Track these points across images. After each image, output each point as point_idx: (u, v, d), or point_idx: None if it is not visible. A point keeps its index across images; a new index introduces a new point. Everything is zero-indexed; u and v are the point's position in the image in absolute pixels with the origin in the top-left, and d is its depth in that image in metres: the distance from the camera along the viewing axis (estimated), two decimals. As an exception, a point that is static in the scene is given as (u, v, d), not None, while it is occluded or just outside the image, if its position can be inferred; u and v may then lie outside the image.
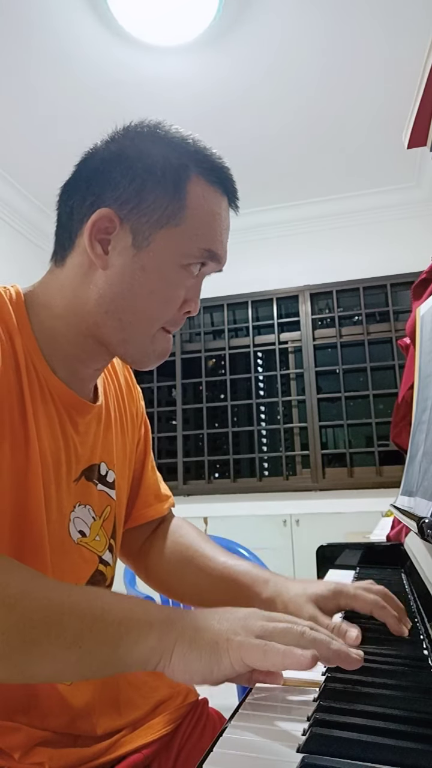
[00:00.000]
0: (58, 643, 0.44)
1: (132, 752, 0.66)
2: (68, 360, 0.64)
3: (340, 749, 0.34)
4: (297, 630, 0.45)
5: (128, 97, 2.48)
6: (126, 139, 0.63)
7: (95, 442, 0.70)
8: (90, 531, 0.68)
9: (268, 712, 0.43)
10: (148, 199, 0.60)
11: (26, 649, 0.43)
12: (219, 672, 0.43)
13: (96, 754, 0.64)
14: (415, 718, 0.39)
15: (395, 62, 2.29)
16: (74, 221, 0.63)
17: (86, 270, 0.62)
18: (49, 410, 0.62)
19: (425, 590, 0.72)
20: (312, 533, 2.96)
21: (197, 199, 0.61)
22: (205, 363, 3.48)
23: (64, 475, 0.64)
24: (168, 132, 0.64)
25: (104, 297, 0.61)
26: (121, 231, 0.61)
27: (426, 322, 1.10)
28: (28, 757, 0.58)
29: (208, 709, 0.78)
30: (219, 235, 0.63)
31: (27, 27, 2.10)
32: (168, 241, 0.60)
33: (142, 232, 0.60)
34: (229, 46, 2.23)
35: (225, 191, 0.64)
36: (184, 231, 0.61)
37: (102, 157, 0.63)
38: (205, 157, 0.63)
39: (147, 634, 0.45)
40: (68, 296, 0.63)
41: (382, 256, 3.21)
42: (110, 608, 0.46)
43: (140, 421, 0.83)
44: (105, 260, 0.61)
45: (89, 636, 0.44)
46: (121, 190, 0.60)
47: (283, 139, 2.80)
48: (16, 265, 3.23)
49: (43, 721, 0.61)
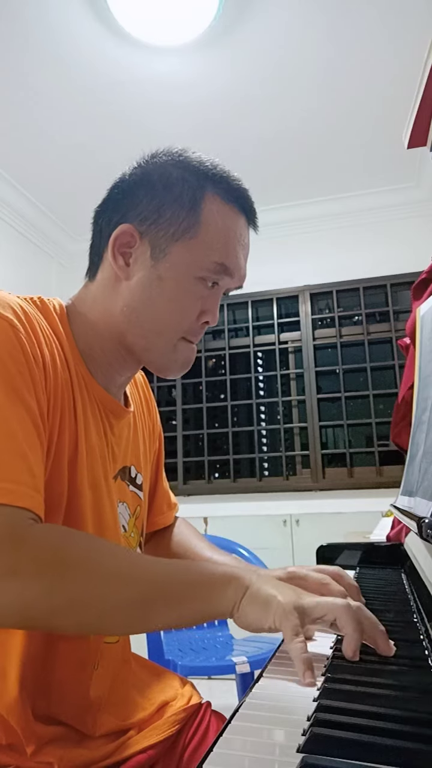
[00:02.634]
0: (166, 602, 0.54)
1: (137, 753, 0.68)
2: (104, 367, 0.70)
3: (340, 749, 0.34)
4: (342, 602, 0.53)
5: (128, 97, 2.48)
6: (150, 164, 0.69)
7: (127, 445, 0.76)
8: (128, 527, 0.74)
9: (268, 712, 0.43)
10: (166, 215, 0.66)
11: (143, 610, 0.53)
12: (266, 624, 0.52)
13: (103, 756, 0.65)
14: (415, 718, 0.39)
15: (395, 62, 2.29)
16: (102, 239, 0.69)
17: (113, 283, 0.68)
18: (94, 410, 0.68)
19: (425, 590, 0.72)
20: (312, 533, 2.96)
21: (212, 214, 0.66)
22: (205, 363, 3.48)
23: (109, 472, 0.70)
24: (189, 157, 0.68)
25: (128, 306, 0.67)
26: (141, 244, 0.66)
27: (426, 322, 1.10)
28: (39, 755, 0.60)
29: (210, 711, 0.80)
30: (233, 250, 0.68)
31: (26, 26, 2.10)
32: (183, 253, 0.66)
33: (159, 245, 0.66)
34: (229, 47, 2.23)
35: (242, 210, 0.69)
36: (199, 244, 0.66)
37: (129, 181, 0.69)
38: (222, 178, 0.68)
39: (226, 588, 0.54)
40: (99, 308, 0.69)
41: (382, 256, 3.21)
42: (199, 573, 0.57)
43: (157, 435, 0.91)
44: (127, 272, 0.67)
45: (187, 595, 0.54)
46: (141, 208, 0.66)
47: (284, 139, 2.80)
48: (12, 264, 3.22)
49: (58, 707, 0.63)
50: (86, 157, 2.81)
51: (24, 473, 0.52)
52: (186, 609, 0.54)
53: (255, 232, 0.72)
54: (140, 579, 0.54)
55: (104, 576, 0.52)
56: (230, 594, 0.54)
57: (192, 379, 3.48)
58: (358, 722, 0.37)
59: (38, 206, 3.25)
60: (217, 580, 0.55)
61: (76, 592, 0.50)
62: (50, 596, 0.49)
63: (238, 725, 0.40)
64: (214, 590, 0.54)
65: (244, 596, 0.53)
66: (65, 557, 0.51)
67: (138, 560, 0.57)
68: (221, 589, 0.54)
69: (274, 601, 0.52)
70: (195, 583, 0.55)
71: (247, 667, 1.68)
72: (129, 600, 0.53)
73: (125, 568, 0.54)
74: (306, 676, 0.47)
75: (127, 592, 0.53)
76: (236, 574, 0.56)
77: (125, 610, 0.53)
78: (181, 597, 0.54)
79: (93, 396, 0.68)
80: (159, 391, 3.52)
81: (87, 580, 0.51)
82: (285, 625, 0.51)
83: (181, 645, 1.95)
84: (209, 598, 0.54)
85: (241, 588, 0.54)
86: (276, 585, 0.55)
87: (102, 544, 0.57)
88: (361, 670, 0.50)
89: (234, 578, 0.55)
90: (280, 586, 0.55)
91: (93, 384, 0.68)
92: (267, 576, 0.57)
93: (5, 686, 0.60)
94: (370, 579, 0.97)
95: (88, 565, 0.52)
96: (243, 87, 2.44)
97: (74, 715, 0.65)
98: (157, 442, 0.90)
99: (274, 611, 0.52)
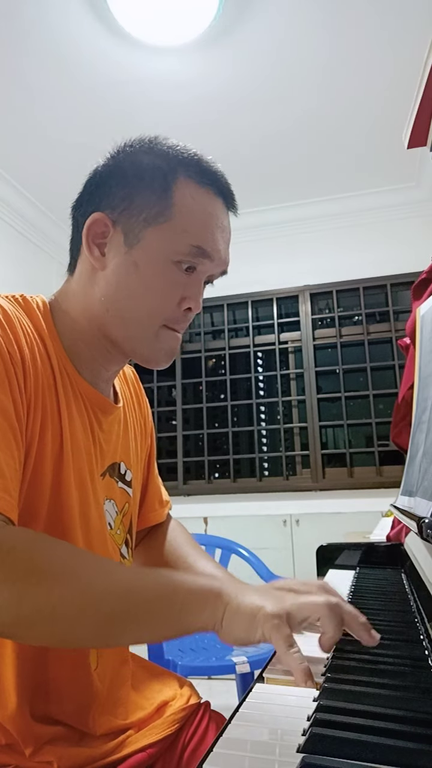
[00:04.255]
0: (138, 619, 0.52)
1: (137, 752, 0.68)
2: (90, 362, 0.69)
3: (340, 749, 0.34)
4: (323, 601, 0.52)
5: (128, 97, 2.47)
6: (123, 154, 0.68)
7: (117, 442, 0.75)
8: (114, 524, 0.73)
9: (268, 712, 0.43)
10: (137, 201, 0.65)
11: (112, 624, 0.51)
12: (254, 638, 0.51)
13: (102, 754, 0.65)
14: (415, 718, 0.39)
15: (396, 62, 2.29)
16: (78, 232, 0.68)
17: (90, 275, 0.67)
18: (80, 407, 0.67)
19: (425, 590, 0.72)
20: (312, 533, 2.96)
21: (184, 198, 0.65)
22: (205, 363, 3.48)
23: (95, 469, 0.69)
24: (161, 144, 0.67)
25: (106, 296, 0.66)
26: (114, 233, 0.66)
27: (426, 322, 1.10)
28: (38, 755, 0.60)
29: (210, 711, 0.80)
30: (210, 233, 0.66)
31: (26, 26, 2.10)
32: (157, 237, 0.64)
33: (132, 231, 0.65)
34: (229, 46, 2.22)
35: (218, 193, 0.67)
36: (172, 227, 0.64)
37: (102, 172, 0.68)
38: (195, 162, 0.67)
39: (204, 605, 0.53)
40: (79, 302, 0.68)
41: (382, 256, 3.21)
42: (175, 586, 0.54)
43: (149, 431, 0.89)
44: (103, 261, 0.66)
45: (160, 611, 0.52)
46: (113, 197, 0.66)
47: (283, 139, 2.80)
48: (12, 264, 3.22)
49: (57, 707, 0.63)
50: (86, 157, 2.77)
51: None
52: (159, 625, 0.53)
53: (235, 215, 0.71)
54: (112, 592, 0.52)
55: (75, 587, 0.50)
56: (209, 610, 0.52)
57: (192, 379, 3.48)
58: (358, 722, 0.37)
59: (38, 206, 3.25)
60: (196, 595, 0.53)
61: (45, 602, 0.48)
62: (18, 605, 0.47)
63: (238, 725, 0.40)
64: (191, 606, 0.53)
65: (226, 610, 0.52)
66: (36, 564, 0.49)
67: (113, 572, 0.54)
68: (200, 603, 0.53)
69: (260, 613, 0.51)
70: (171, 598, 0.53)
71: (247, 667, 1.68)
72: (99, 614, 0.51)
73: (97, 580, 0.52)
74: (308, 686, 0.46)
75: (98, 605, 0.50)
76: (216, 588, 0.54)
77: (94, 624, 0.51)
78: (154, 612, 0.52)
79: (79, 393, 0.67)
80: (159, 391, 3.52)
81: (57, 590, 0.49)
82: (276, 637, 0.49)
83: (181, 645, 1.95)
84: (186, 614, 0.52)
85: (221, 602, 0.53)
86: (258, 593, 0.54)
87: (76, 552, 0.55)
88: (361, 670, 0.50)
89: (213, 592, 0.53)
90: (261, 593, 0.54)
91: (79, 380, 0.67)
92: (246, 587, 0.56)
93: (2, 689, 0.60)
94: (370, 579, 0.97)
95: (59, 574, 0.50)
96: (243, 87, 2.44)
97: (73, 714, 0.64)
98: (149, 438, 0.89)
99: (261, 623, 0.50)
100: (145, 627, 0.53)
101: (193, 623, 0.52)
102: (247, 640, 0.51)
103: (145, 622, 0.53)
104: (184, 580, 0.55)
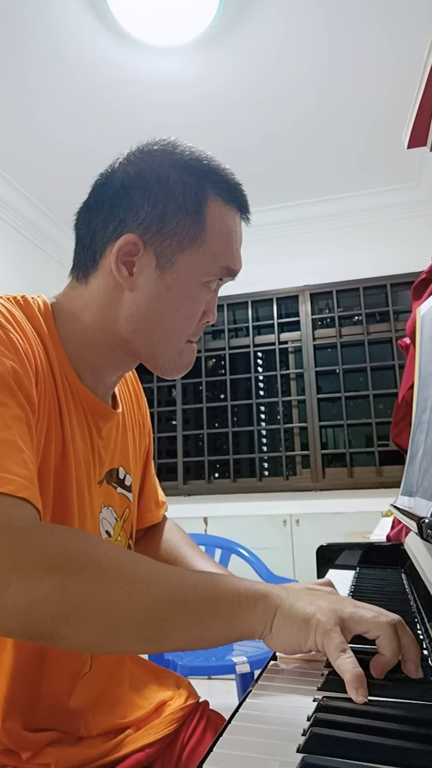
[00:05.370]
0: (185, 620, 0.48)
1: (135, 751, 0.68)
2: (94, 368, 0.68)
3: (340, 749, 0.34)
4: (386, 620, 0.49)
5: (128, 97, 2.47)
6: (143, 161, 0.65)
7: (115, 447, 0.74)
8: (113, 531, 0.72)
9: (268, 712, 0.43)
10: (171, 223, 0.63)
11: (160, 626, 0.48)
12: (306, 647, 0.48)
13: (101, 754, 0.65)
14: (415, 718, 0.39)
15: (396, 62, 2.29)
16: (97, 243, 0.66)
17: (111, 291, 0.66)
18: (80, 415, 0.66)
19: (425, 590, 0.72)
20: (312, 533, 2.96)
21: (215, 220, 0.65)
22: (205, 363, 3.48)
23: (93, 477, 0.68)
24: (183, 153, 0.66)
25: (133, 317, 0.65)
26: (145, 254, 0.64)
27: (426, 322, 1.10)
28: (36, 758, 0.59)
29: (209, 710, 0.79)
30: (235, 251, 0.67)
31: (26, 26, 2.10)
32: (190, 261, 0.64)
33: (165, 255, 0.64)
34: (229, 46, 2.22)
35: (239, 209, 0.68)
36: (205, 252, 0.64)
37: (121, 180, 0.65)
38: (221, 178, 0.66)
39: (253, 608, 0.50)
40: (94, 313, 0.66)
41: (382, 256, 3.21)
42: (222, 588, 0.51)
43: (147, 431, 0.88)
44: (131, 282, 0.65)
45: (208, 613, 0.49)
46: (143, 216, 0.63)
47: (284, 140, 2.80)
48: (12, 264, 3.22)
49: (48, 716, 0.62)
50: (86, 157, 2.81)
51: (21, 465, 0.49)
52: (210, 628, 0.49)
53: (246, 225, 0.71)
54: (160, 587, 0.48)
55: (120, 579, 0.47)
56: (258, 613, 0.49)
57: (192, 379, 3.48)
58: (358, 722, 0.37)
59: (38, 206, 3.25)
60: (244, 598, 0.50)
61: (88, 594, 0.45)
62: (60, 596, 0.44)
63: (238, 725, 0.40)
64: (241, 608, 0.49)
65: (276, 616, 0.49)
66: (76, 554, 0.47)
67: (158, 567, 0.51)
68: (249, 607, 0.50)
69: (313, 620, 0.48)
70: (220, 599, 0.50)
71: (247, 667, 1.68)
72: (147, 610, 0.47)
73: (143, 574, 0.49)
74: (359, 694, 0.43)
75: (146, 600, 0.47)
76: (264, 591, 0.51)
77: (141, 623, 0.47)
78: (205, 613, 0.49)
79: (78, 399, 0.66)
80: (159, 391, 3.52)
81: (100, 582, 0.46)
82: (328, 645, 0.47)
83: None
84: (236, 618, 0.49)
85: (270, 607, 0.50)
86: (310, 600, 0.51)
87: (115, 546, 0.53)
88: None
89: (262, 595, 0.50)
90: (313, 599, 0.51)
91: (79, 386, 0.66)
92: (296, 590, 0.53)
93: None
94: (370, 579, 0.97)
95: (102, 566, 0.47)
96: (243, 87, 2.44)
97: (64, 721, 0.64)
98: (147, 439, 0.87)
99: (314, 631, 0.48)
100: (195, 628, 0.48)
101: (243, 626, 0.49)
102: (298, 647, 0.49)
103: (195, 623, 0.48)
104: (230, 581, 0.52)
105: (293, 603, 0.50)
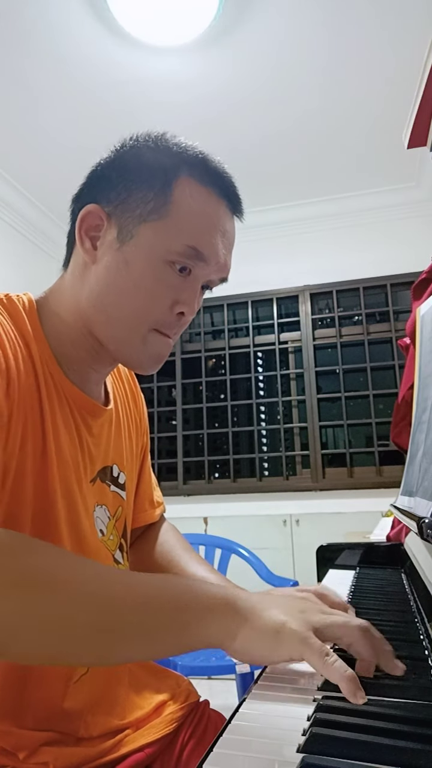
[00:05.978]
0: (132, 630, 0.47)
1: (134, 751, 0.67)
2: (78, 363, 0.66)
3: (340, 749, 0.34)
4: (356, 624, 0.49)
5: (128, 97, 2.47)
6: (127, 147, 0.66)
7: (108, 444, 0.73)
8: (106, 530, 0.71)
9: (268, 713, 0.43)
10: (134, 195, 0.62)
11: (102, 638, 0.46)
12: (277, 657, 0.47)
13: (100, 754, 0.64)
14: (415, 718, 0.39)
15: (396, 62, 2.29)
16: (73, 224, 0.66)
17: (82, 269, 0.65)
18: (65, 413, 0.64)
19: (425, 590, 0.72)
20: (312, 533, 2.96)
21: (184, 196, 0.62)
22: (205, 363, 3.48)
23: (83, 476, 0.66)
24: (168, 141, 0.65)
25: (93, 292, 0.64)
26: (109, 226, 0.63)
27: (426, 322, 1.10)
28: (33, 757, 0.59)
29: (209, 710, 0.79)
30: (209, 235, 0.63)
31: (26, 26, 2.10)
32: (151, 234, 0.61)
33: (126, 226, 0.62)
34: (229, 46, 2.22)
35: (222, 195, 0.64)
36: (168, 225, 0.61)
37: (104, 165, 0.66)
38: (200, 161, 0.64)
39: (210, 619, 0.48)
40: (69, 296, 0.66)
41: (382, 256, 3.21)
42: (176, 595, 0.49)
43: (144, 429, 0.86)
44: (94, 255, 0.63)
45: (157, 624, 0.47)
46: (110, 190, 0.63)
47: (283, 140, 2.80)
48: (12, 264, 3.22)
49: (44, 718, 0.62)
50: (86, 157, 2.77)
51: None
52: (166, 639, 0.48)
53: (240, 221, 0.67)
54: (109, 600, 0.47)
55: (67, 593, 0.46)
56: (224, 622, 0.48)
57: (192, 379, 3.48)
58: (358, 722, 0.37)
59: (38, 206, 3.25)
60: (208, 606, 0.48)
61: (35, 609, 0.44)
62: (8, 613, 0.43)
63: (238, 725, 0.40)
64: (202, 617, 0.48)
65: (243, 626, 0.47)
66: (24, 568, 0.45)
67: (110, 578, 0.49)
68: (213, 616, 0.48)
69: (285, 630, 0.46)
70: (179, 608, 0.48)
71: (247, 667, 1.68)
72: (95, 624, 0.46)
73: (92, 587, 0.47)
74: (358, 697, 0.41)
75: (93, 614, 0.46)
76: (231, 598, 0.49)
77: (90, 636, 0.46)
78: (159, 624, 0.47)
79: (64, 397, 0.64)
80: (159, 391, 3.52)
81: (47, 596, 0.45)
82: (309, 652, 0.45)
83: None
84: (196, 627, 0.47)
85: (237, 615, 0.48)
86: (277, 606, 0.49)
87: (68, 557, 0.51)
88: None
89: (229, 603, 0.49)
90: (281, 606, 0.49)
91: (65, 384, 0.64)
92: (262, 597, 0.52)
93: None
94: (370, 579, 0.97)
95: (49, 579, 0.46)
96: (243, 87, 2.44)
97: (60, 723, 0.63)
98: (144, 437, 0.85)
99: (287, 641, 0.46)
100: (148, 641, 0.47)
101: (204, 637, 0.47)
102: (269, 659, 0.47)
103: (148, 636, 0.47)
104: (195, 586, 0.50)
105: (263, 611, 0.49)
